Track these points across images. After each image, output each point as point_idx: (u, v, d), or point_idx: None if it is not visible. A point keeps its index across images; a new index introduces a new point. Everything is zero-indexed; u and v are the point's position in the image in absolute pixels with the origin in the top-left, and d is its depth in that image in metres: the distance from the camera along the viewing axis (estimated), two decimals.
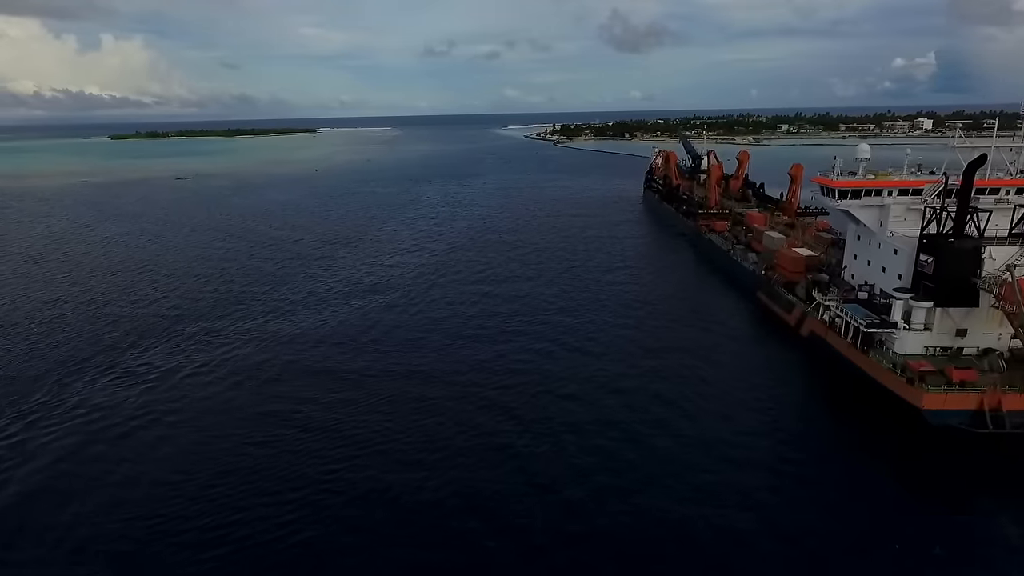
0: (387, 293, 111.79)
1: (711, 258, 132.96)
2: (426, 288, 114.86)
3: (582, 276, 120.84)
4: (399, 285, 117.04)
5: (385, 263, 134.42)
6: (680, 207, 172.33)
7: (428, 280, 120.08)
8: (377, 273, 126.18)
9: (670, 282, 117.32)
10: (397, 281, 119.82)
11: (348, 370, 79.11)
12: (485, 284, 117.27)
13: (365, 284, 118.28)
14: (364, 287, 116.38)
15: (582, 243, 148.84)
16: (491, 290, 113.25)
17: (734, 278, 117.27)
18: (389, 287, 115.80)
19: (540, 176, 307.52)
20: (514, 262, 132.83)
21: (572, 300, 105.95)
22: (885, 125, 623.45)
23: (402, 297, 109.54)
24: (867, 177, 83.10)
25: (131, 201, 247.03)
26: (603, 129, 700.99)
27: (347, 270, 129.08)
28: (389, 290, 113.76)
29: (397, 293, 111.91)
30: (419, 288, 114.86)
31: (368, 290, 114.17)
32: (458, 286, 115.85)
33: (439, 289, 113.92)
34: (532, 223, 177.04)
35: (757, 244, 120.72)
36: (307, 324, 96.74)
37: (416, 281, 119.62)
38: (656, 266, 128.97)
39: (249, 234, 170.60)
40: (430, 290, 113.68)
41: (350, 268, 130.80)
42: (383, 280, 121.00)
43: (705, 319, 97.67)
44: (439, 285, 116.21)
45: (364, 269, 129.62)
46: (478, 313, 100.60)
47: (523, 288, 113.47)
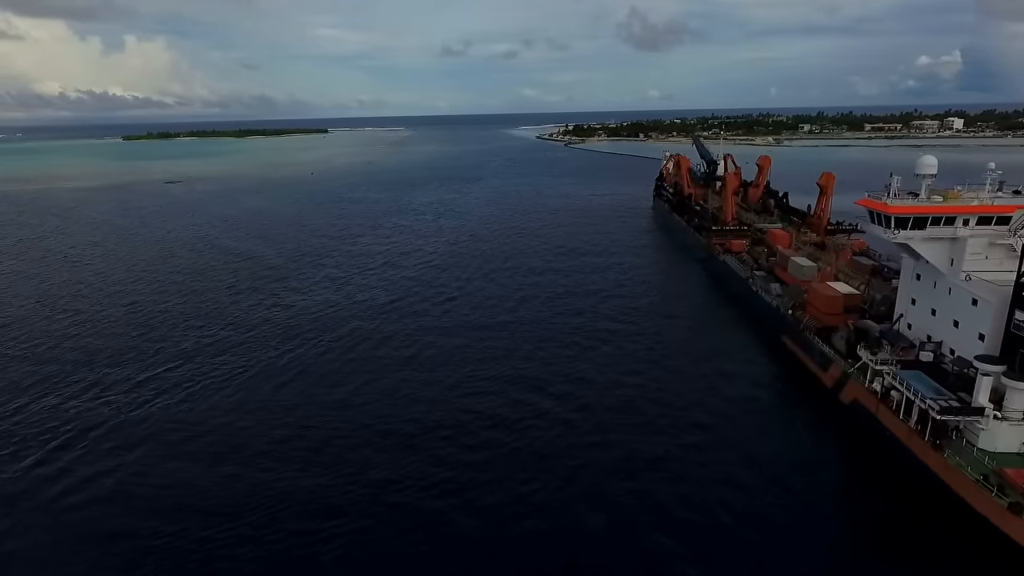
0: (323, 333, 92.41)
1: (726, 285, 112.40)
2: (373, 326, 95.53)
3: (569, 308, 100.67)
4: (343, 321, 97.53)
5: (339, 290, 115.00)
6: (692, 220, 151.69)
7: (378, 315, 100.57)
8: (321, 305, 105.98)
9: (674, 319, 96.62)
10: (343, 317, 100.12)
11: (243, 443, 60.48)
12: (446, 317, 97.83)
13: (299, 321, 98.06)
14: (296, 325, 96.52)
15: (577, 263, 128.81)
16: (449, 326, 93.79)
17: (753, 314, 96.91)
18: (330, 324, 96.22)
19: (544, 181, 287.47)
20: (491, 289, 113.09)
21: (553, 346, 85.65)
22: (913, 125, 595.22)
23: (340, 339, 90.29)
24: (933, 200, 62.76)
25: (103, 209, 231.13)
26: (617, 129, 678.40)
27: (285, 303, 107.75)
28: (328, 329, 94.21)
29: (334, 334, 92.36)
30: (365, 326, 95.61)
31: (300, 330, 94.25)
32: (411, 323, 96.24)
33: (390, 326, 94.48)
34: (522, 237, 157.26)
35: (782, 271, 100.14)
36: (198, 385, 78.18)
37: (366, 314, 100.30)
38: (660, 296, 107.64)
39: (201, 252, 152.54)
40: (377, 328, 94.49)
41: (291, 298, 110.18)
42: (324, 315, 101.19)
43: (714, 373, 77.48)
44: (391, 322, 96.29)
45: (305, 300, 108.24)
46: (420, 367, 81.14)
47: (491, 333, 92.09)
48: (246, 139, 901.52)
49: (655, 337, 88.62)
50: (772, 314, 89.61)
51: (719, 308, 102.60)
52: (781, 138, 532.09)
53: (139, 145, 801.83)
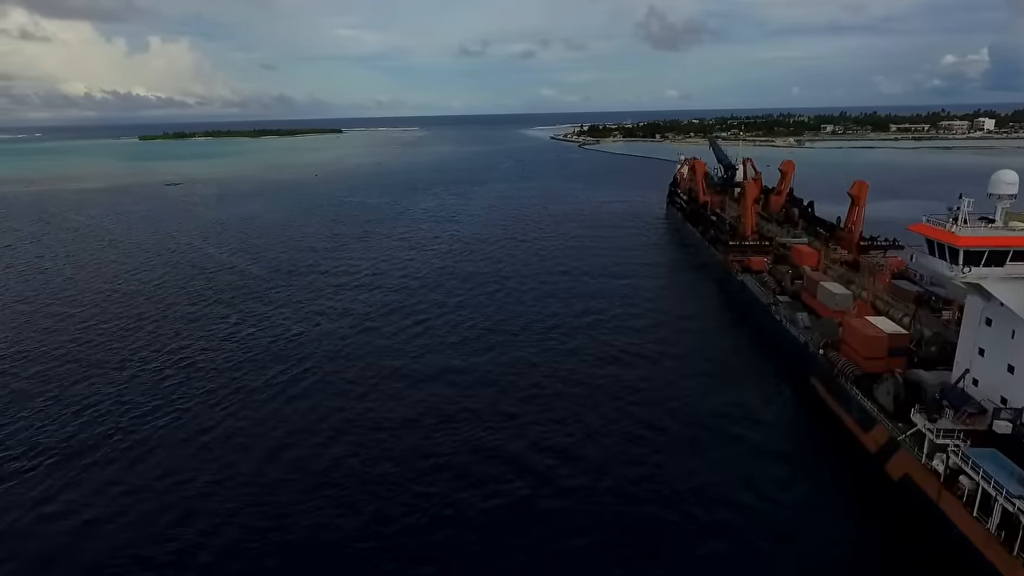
0: (263, 366, 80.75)
1: (744, 312, 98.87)
2: (341, 358, 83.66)
3: (561, 345, 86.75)
4: (285, 355, 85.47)
5: (300, 313, 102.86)
6: (707, 231, 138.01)
7: (350, 344, 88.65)
8: (272, 333, 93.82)
9: (682, 353, 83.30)
10: (290, 349, 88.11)
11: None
12: (407, 353, 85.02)
13: (242, 351, 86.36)
14: (238, 356, 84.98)
15: (575, 286, 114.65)
16: (408, 367, 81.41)
17: (776, 348, 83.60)
18: (271, 358, 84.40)
19: (553, 185, 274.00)
20: (470, 320, 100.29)
21: (533, 406, 71.32)
22: (941, 125, 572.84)
23: (271, 381, 78.38)
24: (1014, 228, 49.36)
25: (93, 213, 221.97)
26: (633, 130, 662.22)
27: (237, 326, 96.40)
28: (267, 363, 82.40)
29: (271, 371, 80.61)
30: (333, 357, 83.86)
31: (240, 361, 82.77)
32: (366, 361, 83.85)
33: (358, 363, 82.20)
34: (520, 251, 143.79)
35: (810, 298, 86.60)
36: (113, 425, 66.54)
37: (318, 348, 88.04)
38: (668, 330, 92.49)
39: (175, 264, 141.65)
40: (349, 359, 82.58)
41: (246, 324, 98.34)
42: (271, 346, 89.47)
43: (726, 423, 64.58)
44: (344, 359, 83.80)
45: (260, 328, 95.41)
46: (390, 410, 69.05)
47: (458, 380, 77.99)
48: (260, 139, 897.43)
49: (661, 385, 75.47)
50: (799, 351, 76.27)
51: (736, 341, 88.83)
52: (803, 139, 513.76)
53: (153, 145, 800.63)
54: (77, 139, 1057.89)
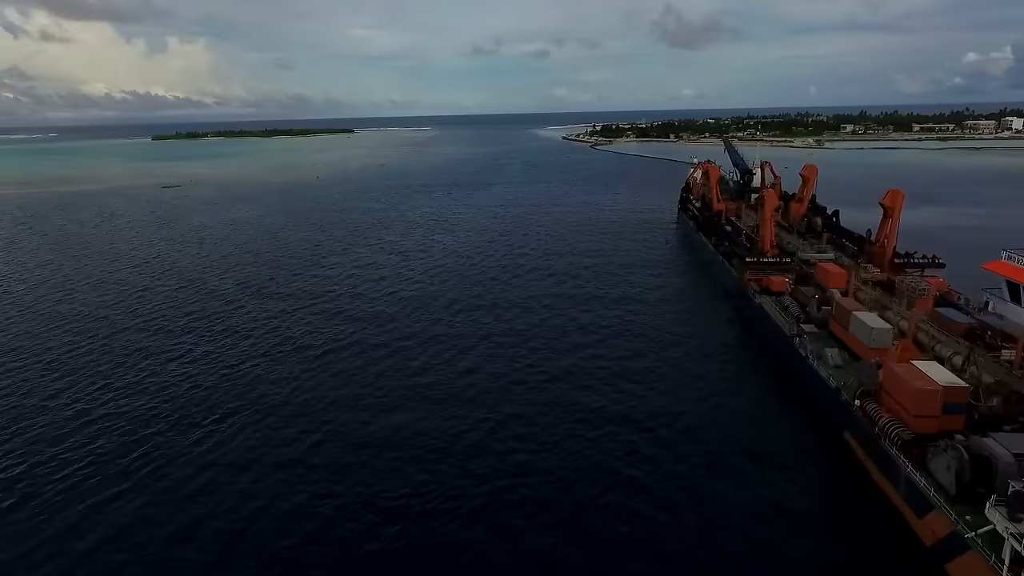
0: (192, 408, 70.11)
1: (763, 343, 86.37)
2: (287, 403, 72.80)
3: (538, 388, 75.93)
4: (251, 388, 75.17)
5: (252, 335, 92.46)
6: (720, 243, 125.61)
7: (303, 383, 77.87)
8: (217, 361, 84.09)
9: (690, 397, 71.31)
10: (252, 381, 77.89)
11: None
12: (383, 395, 74.26)
13: (198, 392, 76.29)
14: (192, 398, 74.83)
15: (572, 307, 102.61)
16: (385, 399, 70.30)
17: (801, 389, 71.44)
18: (230, 398, 73.97)
19: (561, 188, 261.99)
20: (451, 341, 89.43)
21: (507, 467, 61.37)
22: (966, 125, 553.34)
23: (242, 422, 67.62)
24: None
25: (77, 218, 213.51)
26: (646, 130, 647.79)
27: (177, 354, 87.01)
28: (196, 407, 71.88)
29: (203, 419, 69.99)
30: (280, 395, 72.99)
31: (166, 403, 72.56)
32: (324, 402, 73.34)
33: (304, 419, 71.30)
34: (514, 264, 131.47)
35: (840, 329, 74.33)
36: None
37: (279, 382, 77.62)
38: (673, 367, 79.69)
39: (143, 275, 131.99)
40: (296, 401, 71.65)
41: (185, 351, 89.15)
42: (231, 383, 79.12)
43: (739, 487, 52.89)
44: (310, 405, 73.31)
45: (200, 357, 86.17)
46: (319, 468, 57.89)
47: (424, 425, 69.49)
48: (271, 139, 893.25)
49: (663, 424, 63.85)
50: (829, 397, 64.08)
51: (753, 380, 76.47)
52: (822, 139, 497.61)
53: (164, 145, 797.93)
54: (90, 139, 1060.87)
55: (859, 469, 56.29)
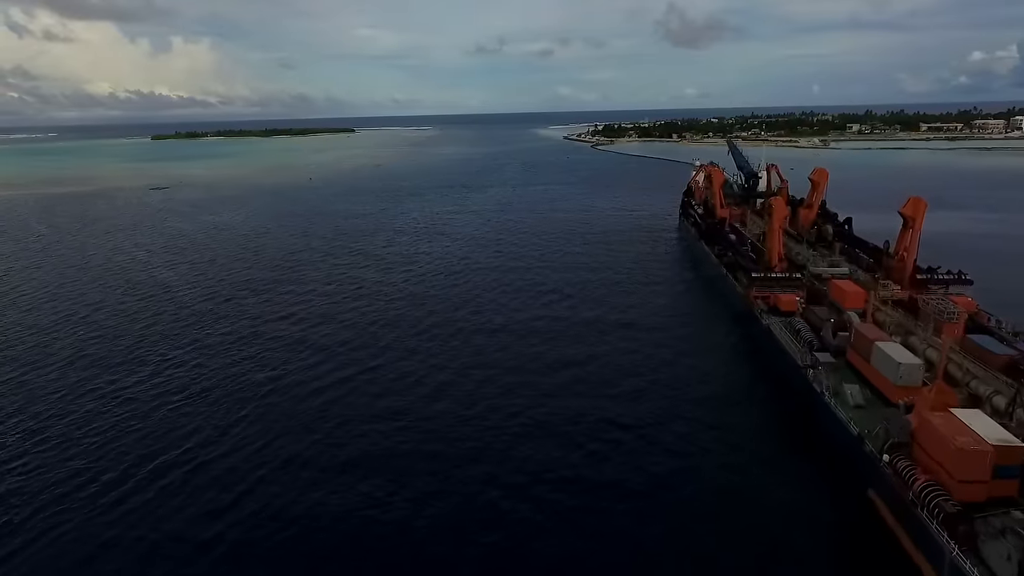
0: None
1: (773, 373, 77.32)
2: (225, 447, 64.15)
3: (518, 427, 66.83)
4: (208, 413, 66.64)
5: (221, 364, 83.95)
6: (724, 253, 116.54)
7: (237, 435, 69.27)
8: (154, 389, 75.89)
9: (683, 457, 61.40)
10: (211, 407, 69.39)
11: None
12: (346, 419, 65.53)
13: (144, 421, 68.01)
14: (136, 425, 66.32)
15: (559, 327, 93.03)
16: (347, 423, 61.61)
17: (817, 432, 62.40)
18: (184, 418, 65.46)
19: (558, 190, 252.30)
20: (423, 378, 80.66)
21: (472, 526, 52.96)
22: (975, 125, 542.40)
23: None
24: None
25: (56, 222, 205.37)
26: (649, 129, 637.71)
27: (114, 381, 79.13)
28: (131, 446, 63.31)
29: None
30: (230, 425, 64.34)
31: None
32: (276, 434, 64.67)
33: (228, 478, 62.72)
34: (504, 276, 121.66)
35: (860, 361, 65.23)
36: None
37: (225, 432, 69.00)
38: (670, 391, 71.47)
39: (101, 285, 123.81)
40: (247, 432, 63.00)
41: (127, 376, 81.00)
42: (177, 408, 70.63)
43: (745, 552, 44.17)
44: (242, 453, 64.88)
45: (143, 380, 78.95)
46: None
47: (375, 471, 60.78)
48: (271, 139, 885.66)
49: (661, 491, 55.01)
50: (850, 443, 55.08)
51: (761, 422, 67.29)
52: (827, 139, 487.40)
53: (162, 145, 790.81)
54: (89, 139, 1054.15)
55: (888, 536, 47.40)
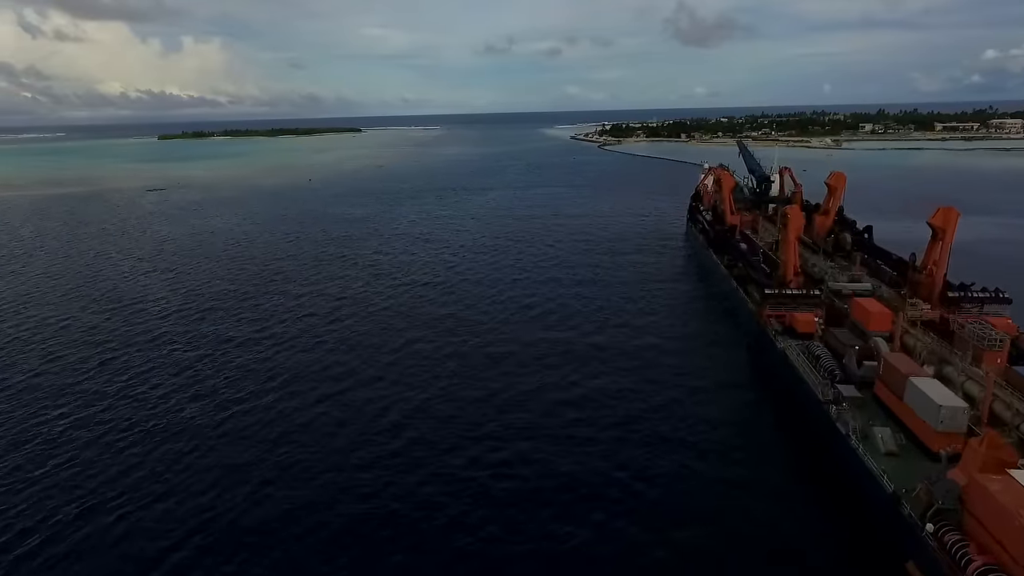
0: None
1: (789, 404, 69.25)
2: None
3: (507, 472, 59.52)
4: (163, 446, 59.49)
5: (182, 387, 77.05)
6: (734, 264, 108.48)
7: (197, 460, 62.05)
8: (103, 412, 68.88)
9: (685, 524, 54.30)
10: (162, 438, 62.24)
11: None
12: (324, 450, 58.26)
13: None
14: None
15: (546, 349, 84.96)
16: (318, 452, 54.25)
17: (839, 476, 54.45)
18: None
19: (560, 194, 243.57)
20: (398, 401, 73.36)
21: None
22: (991, 124, 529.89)
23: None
24: None
25: (46, 225, 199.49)
26: (657, 129, 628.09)
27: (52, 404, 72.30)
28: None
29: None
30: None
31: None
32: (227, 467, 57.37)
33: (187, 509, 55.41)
34: (499, 291, 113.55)
35: (891, 397, 57.20)
36: None
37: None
38: (672, 428, 63.62)
39: (67, 295, 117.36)
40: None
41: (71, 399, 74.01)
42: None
43: None
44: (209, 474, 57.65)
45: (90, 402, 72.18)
46: None
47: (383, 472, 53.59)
48: (276, 139, 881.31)
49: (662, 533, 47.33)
50: (883, 502, 47.10)
51: (778, 462, 59.55)
52: (840, 139, 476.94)
53: (167, 145, 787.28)
54: (96, 139, 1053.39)
55: None
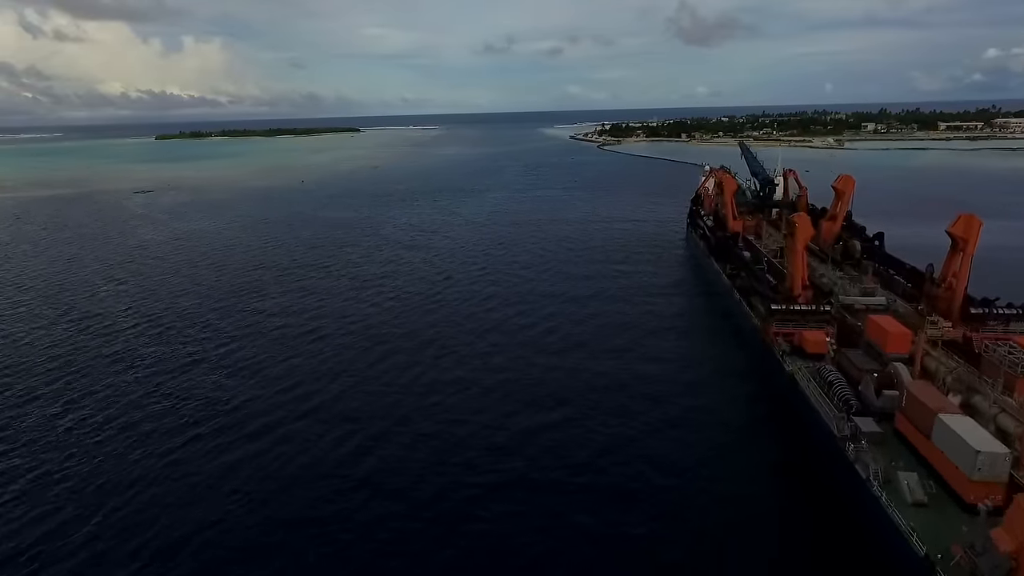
0: None
1: (799, 438, 62.51)
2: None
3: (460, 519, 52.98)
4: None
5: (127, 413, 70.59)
6: (736, 274, 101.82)
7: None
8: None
9: (690, 542, 47.89)
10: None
11: None
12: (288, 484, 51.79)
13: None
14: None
15: (526, 373, 77.93)
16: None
17: (860, 527, 47.87)
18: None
19: (556, 196, 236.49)
20: (368, 430, 66.85)
21: None
22: (996, 124, 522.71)
23: None
24: None
25: (22, 229, 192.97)
26: (657, 129, 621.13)
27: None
28: None
29: None
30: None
31: None
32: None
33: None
34: (484, 305, 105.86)
35: (915, 434, 50.47)
36: None
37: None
38: (664, 499, 56.54)
39: (17, 309, 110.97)
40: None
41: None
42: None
43: None
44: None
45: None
46: None
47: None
48: (274, 139, 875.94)
49: None
50: (914, 565, 40.38)
51: (789, 512, 53.06)
52: (842, 139, 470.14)
53: (164, 145, 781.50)
54: (93, 139, 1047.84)
55: None
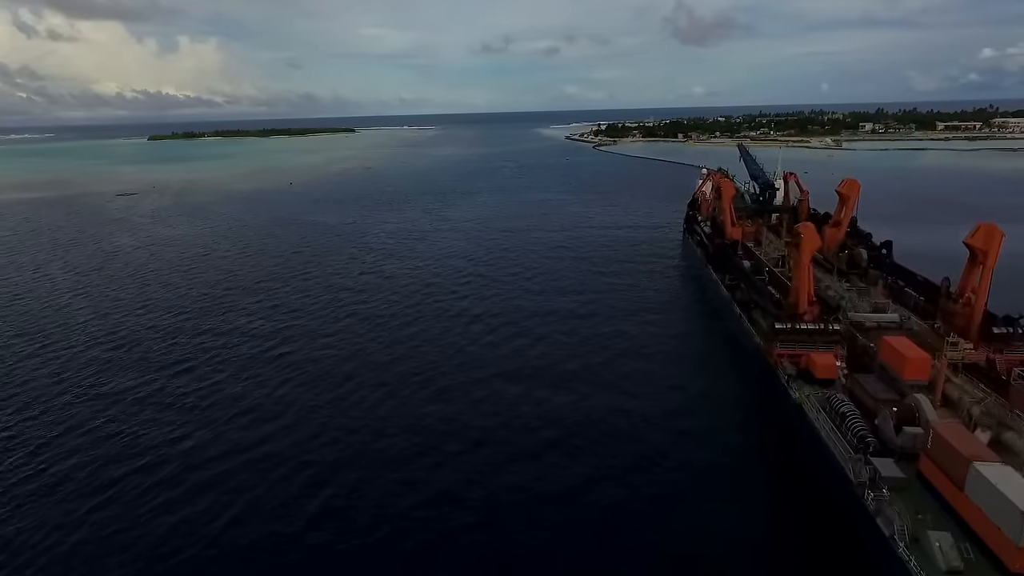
0: None
1: (811, 482, 55.93)
2: None
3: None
4: None
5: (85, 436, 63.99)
6: (736, 286, 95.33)
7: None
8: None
9: None
10: None
11: None
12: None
13: None
14: None
15: (493, 405, 71.37)
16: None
17: None
18: None
19: (551, 199, 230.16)
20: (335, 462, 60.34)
21: None
22: (994, 123, 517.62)
23: None
24: None
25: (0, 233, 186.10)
26: (653, 129, 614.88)
27: None
28: None
29: None
30: None
31: None
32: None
33: None
34: (463, 325, 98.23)
35: (945, 483, 43.91)
36: None
37: None
38: (658, 520, 51.04)
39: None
40: None
41: None
42: None
43: None
44: None
45: None
46: None
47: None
48: (268, 139, 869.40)
49: None
50: None
51: (796, 563, 46.68)
52: (840, 139, 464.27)
53: (156, 146, 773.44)
54: (84, 140, 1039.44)
55: None
